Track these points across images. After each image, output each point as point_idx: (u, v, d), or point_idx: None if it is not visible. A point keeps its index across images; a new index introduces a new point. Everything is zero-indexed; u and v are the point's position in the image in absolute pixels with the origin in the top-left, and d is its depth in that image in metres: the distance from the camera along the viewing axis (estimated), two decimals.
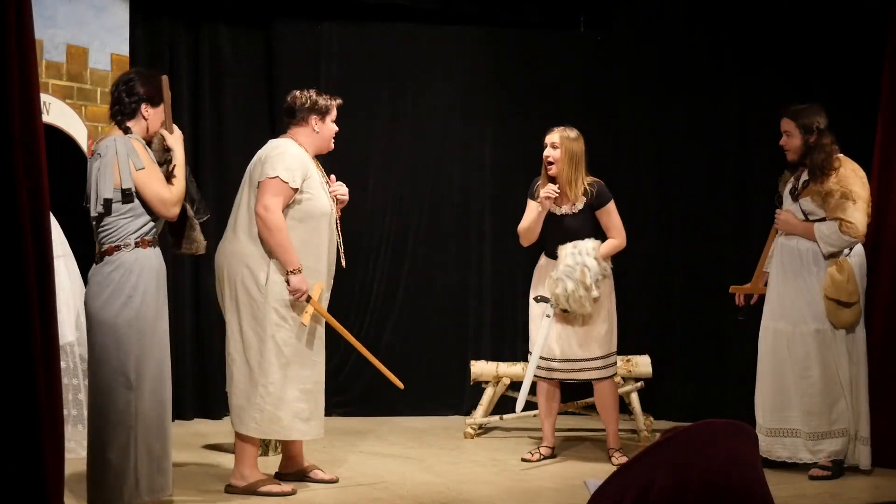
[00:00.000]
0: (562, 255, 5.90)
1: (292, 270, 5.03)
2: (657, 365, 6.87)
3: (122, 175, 4.40)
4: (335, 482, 5.38)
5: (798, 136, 5.60)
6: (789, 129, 5.63)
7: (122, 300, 4.42)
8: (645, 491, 3.10)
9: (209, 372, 7.19)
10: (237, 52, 7.35)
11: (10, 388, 3.81)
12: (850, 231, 5.46)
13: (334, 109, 5.31)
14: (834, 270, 5.51)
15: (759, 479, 3.29)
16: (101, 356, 4.43)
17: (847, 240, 5.50)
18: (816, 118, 5.59)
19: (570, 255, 5.87)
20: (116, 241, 4.44)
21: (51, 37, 6.23)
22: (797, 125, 5.60)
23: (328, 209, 5.21)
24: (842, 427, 5.61)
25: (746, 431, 3.33)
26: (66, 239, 5.73)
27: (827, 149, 5.54)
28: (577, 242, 5.91)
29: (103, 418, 4.43)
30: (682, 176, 7.42)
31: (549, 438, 6.14)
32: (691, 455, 3.13)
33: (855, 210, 5.48)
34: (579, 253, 5.87)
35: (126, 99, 4.56)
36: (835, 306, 5.52)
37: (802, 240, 5.61)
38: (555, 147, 5.95)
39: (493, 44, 7.71)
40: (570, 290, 5.81)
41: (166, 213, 4.55)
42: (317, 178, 5.22)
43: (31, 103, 3.97)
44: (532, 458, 6.03)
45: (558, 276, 5.85)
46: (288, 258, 5.03)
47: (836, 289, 5.50)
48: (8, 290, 3.81)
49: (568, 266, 5.84)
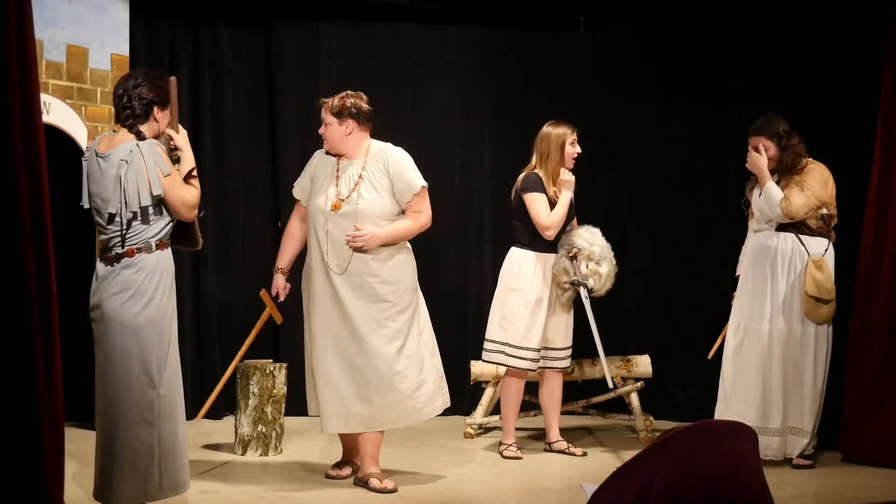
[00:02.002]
0: (586, 236, 6.06)
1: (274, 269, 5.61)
2: (657, 365, 6.87)
3: (152, 182, 4.43)
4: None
5: (772, 145, 5.86)
6: (763, 145, 5.88)
7: (145, 301, 4.46)
8: (645, 491, 3.10)
9: (209, 372, 7.19)
10: (237, 52, 7.35)
11: (10, 387, 3.81)
12: (784, 206, 5.74)
13: (320, 111, 5.44)
14: (814, 269, 5.75)
15: (759, 478, 3.29)
16: (122, 357, 4.44)
17: (777, 211, 5.76)
18: (779, 125, 5.88)
19: (591, 236, 6.08)
20: (138, 243, 4.47)
21: (51, 37, 6.23)
22: (766, 136, 5.87)
23: (318, 207, 5.33)
24: (808, 426, 5.83)
25: (746, 431, 3.33)
26: (65, 237, 5.72)
27: (795, 149, 5.85)
28: (588, 227, 6.11)
29: (125, 418, 4.44)
30: (681, 175, 7.42)
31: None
32: (691, 455, 3.13)
33: (800, 195, 5.75)
34: (593, 234, 6.10)
35: (137, 103, 4.57)
36: (814, 303, 5.76)
37: (782, 240, 5.83)
38: (575, 145, 6.20)
39: (493, 44, 7.71)
40: (609, 271, 6.05)
41: (188, 216, 4.58)
42: (325, 177, 5.37)
43: (31, 103, 3.98)
44: (520, 456, 6.09)
45: (602, 255, 6.03)
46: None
47: (816, 287, 5.74)
48: (8, 289, 3.82)
49: (601, 247, 6.05)
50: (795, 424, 5.82)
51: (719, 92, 7.22)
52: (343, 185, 5.31)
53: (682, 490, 3.07)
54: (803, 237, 5.81)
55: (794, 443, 5.82)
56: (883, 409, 5.86)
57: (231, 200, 7.35)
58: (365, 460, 5.36)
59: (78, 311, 4.77)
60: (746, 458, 3.24)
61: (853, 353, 6.02)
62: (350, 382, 5.28)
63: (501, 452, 6.16)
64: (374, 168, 5.31)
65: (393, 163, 5.31)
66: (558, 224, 6.06)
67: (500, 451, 6.18)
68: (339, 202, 5.28)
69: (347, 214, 5.26)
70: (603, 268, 6.03)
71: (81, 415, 6.23)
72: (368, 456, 5.35)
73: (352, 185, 5.30)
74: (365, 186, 5.29)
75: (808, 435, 5.80)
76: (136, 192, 4.43)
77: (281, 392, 6.16)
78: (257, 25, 7.42)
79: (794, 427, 5.82)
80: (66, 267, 4.85)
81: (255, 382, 6.09)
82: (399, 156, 5.35)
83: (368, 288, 5.27)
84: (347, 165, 5.36)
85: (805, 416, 5.80)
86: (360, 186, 5.29)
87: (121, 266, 4.47)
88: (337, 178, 5.34)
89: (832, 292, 5.76)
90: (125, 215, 4.45)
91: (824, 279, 5.74)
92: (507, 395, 6.22)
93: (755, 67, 7.02)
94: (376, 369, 5.26)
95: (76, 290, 4.89)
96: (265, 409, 6.09)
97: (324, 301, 5.32)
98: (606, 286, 6.08)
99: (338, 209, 5.27)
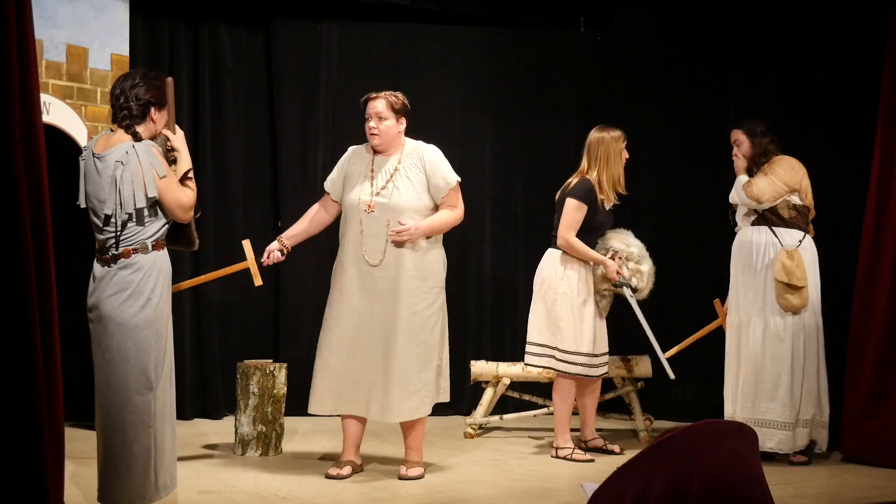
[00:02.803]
0: (621, 237, 6.15)
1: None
2: (657, 365, 6.86)
3: (147, 184, 4.43)
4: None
5: (746, 140, 6.11)
6: (738, 138, 6.15)
7: (142, 302, 4.45)
8: (644, 491, 3.10)
9: (209, 372, 7.20)
10: (237, 51, 7.35)
11: (10, 388, 3.81)
12: (748, 190, 5.98)
13: (366, 107, 5.54)
14: (784, 256, 5.91)
15: (759, 478, 3.29)
16: (120, 358, 4.44)
17: (742, 195, 6.02)
18: (758, 126, 6.12)
19: (628, 237, 6.18)
20: (134, 244, 4.47)
21: (51, 37, 6.23)
22: (743, 131, 6.13)
23: (354, 202, 5.46)
24: (806, 418, 5.95)
25: (746, 431, 3.33)
26: (65, 237, 5.72)
27: (765, 146, 6.07)
28: (620, 229, 6.20)
29: (123, 420, 4.44)
30: (681, 175, 7.43)
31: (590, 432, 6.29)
32: (691, 455, 3.12)
33: (763, 180, 5.97)
34: (628, 235, 6.21)
35: (134, 104, 4.57)
36: (783, 288, 5.89)
37: (756, 233, 6.01)
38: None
39: (493, 44, 7.71)
40: (648, 271, 6.14)
41: (184, 217, 4.58)
42: (360, 173, 5.51)
43: (31, 103, 3.97)
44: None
45: (640, 255, 6.13)
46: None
47: (785, 272, 5.88)
48: (8, 289, 3.81)
49: (638, 247, 6.15)
50: (769, 417, 5.90)
51: (719, 92, 7.21)
52: (379, 180, 5.47)
53: (683, 490, 3.07)
54: (777, 229, 5.97)
55: (769, 436, 5.86)
56: (883, 408, 5.86)
57: (231, 200, 7.34)
58: (406, 450, 5.64)
59: (78, 311, 4.77)
60: (747, 458, 3.24)
61: (853, 353, 6.02)
62: (377, 373, 5.43)
63: (567, 456, 6.04)
64: (410, 164, 5.50)
65: (428, 158, 5.52)
66: (570, 248, 6.01)
67: (563, 455, 6.06)
68: (375, 197, 5.42)
69: (383, 208, 5.41)
70: (644, 266, 6.14)
71: (81, 415, 6.23)
72: (407, 446, 5.63)
73: (387, 179, 5.46)
74: (402, 181, 5.45)
75: (783, 427, 5.88)
76: (132, 193, 4.43)
77: (281, 392, 6.17)
78: (257, 25, 7.42)
79: (770, 420, 5.90)
80: (65, 267, 4.84)
81: (255, 382, 6.09)
82: (434, 152, 5.57)
83: (403, 281, 5.43)
84: (384, 161, 5.51)
85: (784, 409, 5.87)
86: (396, 181, 5.45)
87: (117, 267, 4.46)
88: (372, 173, 5.49)
89: (802, 280, 5.86)
90: (120, 216, 4.45)
91: (793, 266, 5.86)
92: (562, 397, 6.10)
93: (755, 67, 7.02)
94: (403, 360, 5.43)
95: (76, 290, 4.89)
96: (265, 409, 6.09)
97: (358, 294, 5.44)
98: (649, 285, 6.16)
99: (373, 206, 5.41)
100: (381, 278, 5.43)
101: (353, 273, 5.47)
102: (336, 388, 5.50)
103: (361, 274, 5.45)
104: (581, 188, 6.02)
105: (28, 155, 3.91)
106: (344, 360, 5.47)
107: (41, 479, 3.86)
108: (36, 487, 3.84)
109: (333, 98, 7.43)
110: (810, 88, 6.65)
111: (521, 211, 7.72)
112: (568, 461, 6.02)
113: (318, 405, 5.56)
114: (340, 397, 5.49)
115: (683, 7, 7.43)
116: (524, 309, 7.62)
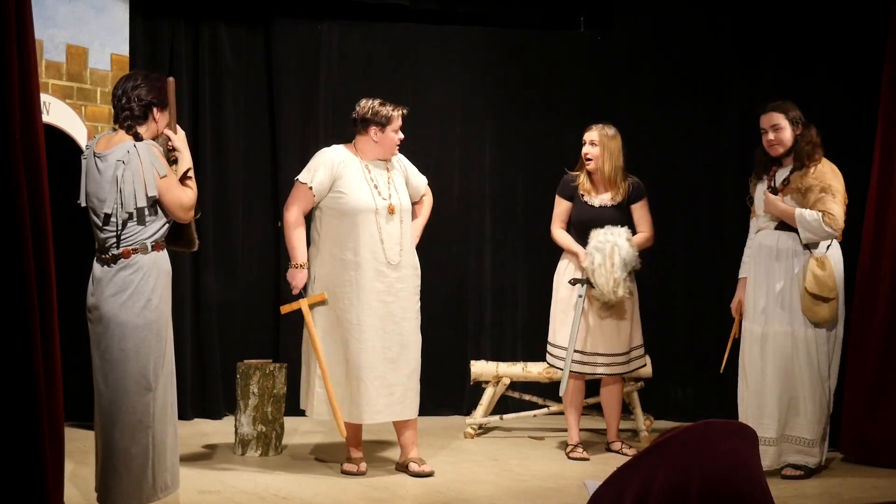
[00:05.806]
0: (593, 234, 6.01)
1: (294, 265, 5.56)
2: (657, 365, 6.87)
3: (147, 184, 4.44)
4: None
5: (789, 128, 5.58)
6: (779, 123, 5.59)
7: (142, 303, 4.46)
8: (645, 491, 3.10)
9: (209, 372, 7.19)
10: (237, 52, 7.34)
11: (10, 387, 3.81)
12: (832, 223, 5.42)
13: (397, 119, 5.62)
14: (815, 265, 5.46)
15: (759, 478, 3.29)
16: (120, 358, 4.44)
17: (828, 231, 5.44)
18: (798, 111, 5.63)
19: (602, 234, 5.99)
20: (134, 244, 4.47)
21: (51, 37, 6.23)
22: (787, 118, 5.59)
23: (367, 206, 5.52)
24: (808, 434, 5.56)
25: (746, 431, 3.33)
26: (65, 237, 5.72)
27: (814, 139, 5.58)
28: (609, 227, 6.01)
29: (122, 421, 4.45)
30: (682, 175, 7.42)
31: (576, 437, 6.21)
32: (691, 455, 3.12)
33: (835, 204, 5.45)
34: (611, 233, 5.99)
35: (136, 104, 4.57)
36: (812, 301, 5.46)
37: (774, 236, 5.60)
38: (594, 144, 6.12)
39: (493, 44, 7.71)
40: (598, 264, 5.89)
41: (184, 217, 4.59)
42: (357, 177, 5.55)
43: (31, 103, 3.97)
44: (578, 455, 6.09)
45: (588, 250, 5.97)
46: (292, 253, 5.60)
47: (816, 284, 5.45)
48: (8, 289, 3.81)
49: (599, 241, 5.96)
50: (794, 433, 5.55)
51: (719, 92, 7.21)
52: (380, 184, 5.61)
53: (683, 490, 3.07)
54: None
55: (789, 451, 5.57)
56: (883, 408, 5.86)
57: (231, 200, 7.34)
58: (408, 447, 5.67)
59: (78, 311, 4.77)
60: (747, 458, 3.24)
61: (853, 353, 6.01)
62: (394, 372, 5.56)
63: (567, 453, 6.16)
64: (396, 170, 5.73)
65: (405, 163, 5.82)
66: (554, 240, 6.17)
67: (566, 451, 6.18)
68: (390, 200, 5.57)
69: (397, 210, 5.59)
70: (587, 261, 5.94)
71: (81, 415, 6.22)
72: (411, 443, 5.66)
73: (386, 183, 5.63)
74: (398, 184, 5.68)
75: (808, 443, 5.55)
76: (132, 193, 4.43)
77: (281, 392, 6.17)
78: (257, 25, 7.42)
79: (792, 436, 5.55)
80: (65, 267, 4.84)
81: (255, 382, 6.09)
82: (403, 157, 5.82)
83: (412, 280, 5.68)
84: (377, 166, 5.65)
85: (807, 425, 5.53)
86: (394, 184, 5.65)
87: (117, 267, 4.47)
88: (373, 179, 5.61)
89: (833, 290, 5.45)
90: (121, 216, 4.45)
91: (825, 276, 5.44)
92: (563, 394, 6.14)
93: (755, 67, 7.01)
94: (413, 359, 5.66)
95: (76, 289, 4.89)
96: (265, 409, 6.09)
97: (375, 295, 5.52)
98: (612, 288, 5.87)
99: (393, 209, 5.55)
100: (397, 277, 5.60)
101: (370, 275, 5.53)
102: (347, 391, 5.54)
103: (380, 276, 5.54)
104: (560, 183, 6.19)
105: (28, 155, 3.91)
106: (361, 361, 5.50)
107: (41, 479, 3.86)
108: (36, 487, 3.85)
109: (333, 98, 7.42)
110: (810, 88, 6.64)
111: (521, 211, 7.71)
112: (570, 460, 6.08)
113: (312, 406, 5.63)
114: (358, 394, 5.51)
115: (683, 7, 7.42)
116: (524, 309, 7.65)
